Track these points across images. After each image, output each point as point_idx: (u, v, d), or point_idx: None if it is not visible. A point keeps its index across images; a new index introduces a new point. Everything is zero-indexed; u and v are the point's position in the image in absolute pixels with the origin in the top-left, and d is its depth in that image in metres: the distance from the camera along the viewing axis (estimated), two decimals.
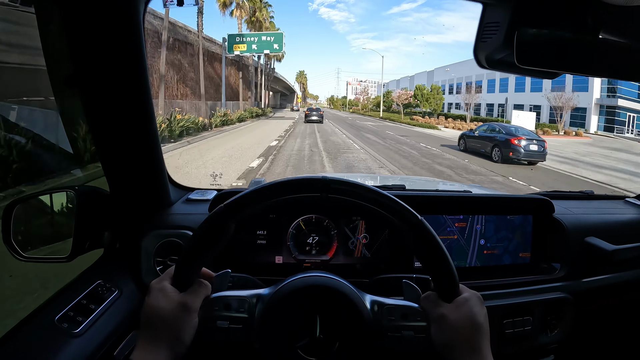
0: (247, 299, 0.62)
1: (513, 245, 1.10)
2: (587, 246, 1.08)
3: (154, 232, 0.94)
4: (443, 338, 0.57)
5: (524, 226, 1.11)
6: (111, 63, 0.80)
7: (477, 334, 0.56)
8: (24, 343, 0.67)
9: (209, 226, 0.57)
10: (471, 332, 0.55)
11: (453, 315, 0.56)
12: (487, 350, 0.55)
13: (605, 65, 0.64)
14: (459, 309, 0.57)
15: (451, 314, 0.56)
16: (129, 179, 0.94)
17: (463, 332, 0.55)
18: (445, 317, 0.56)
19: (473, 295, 0.59)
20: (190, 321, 0.57)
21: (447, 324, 0.56)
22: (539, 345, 0.99)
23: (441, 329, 0.57)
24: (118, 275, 0.90)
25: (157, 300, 0.56)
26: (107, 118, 0.85)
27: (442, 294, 0.59)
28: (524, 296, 0.99)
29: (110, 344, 0.76)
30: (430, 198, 1.08)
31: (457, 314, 0.56)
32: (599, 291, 1.11)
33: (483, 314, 0.57)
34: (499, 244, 1.09)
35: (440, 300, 0.59)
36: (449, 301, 0.58)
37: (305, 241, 1.03)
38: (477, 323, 0.56)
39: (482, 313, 0.57)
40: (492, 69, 0.67)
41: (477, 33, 0.63)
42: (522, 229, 1.11)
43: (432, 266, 0.58)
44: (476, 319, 0.56)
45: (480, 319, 0.56)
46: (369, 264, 1.04)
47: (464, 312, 0.56)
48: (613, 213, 1.25)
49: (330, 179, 0.58)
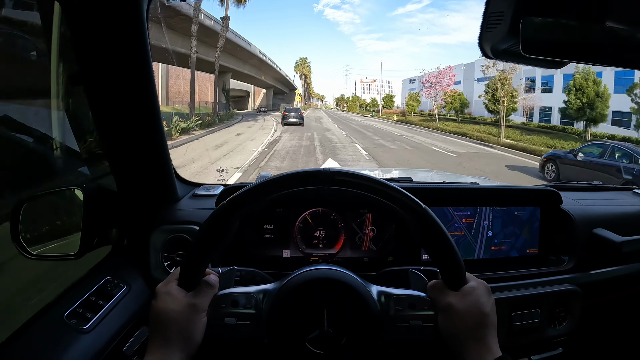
0: (254, 295, 0.62)
1: (520, 241, 1.10)
2: (596, 238, 1.07)
3: (161, 228, 0.95)
4: (450, 327, 0.57)
5: (532, 222, 1.10)
6: (116, 60, 0.80)
7: (483, 323, 0.56)
8: (33, 339, 0.68)
9: (213, 224, 0.58)
10: (477, 322, 0.55)
11: (460, 304, 0.56)
12: (493, 341, 0.55)
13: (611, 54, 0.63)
14: (465, 298, 0.57)
15: (458, 302, 0.56)
16: (136, 176, 0.94)
17: (469, 321, 0.55)
18: (452, 306, 0.57)
19: (480, 284, 0.59)
20: (199, 320, 0.57)
21: (454, 313, 0.56)
22: (547, 337, 0.99)
23: (448, 318, 0.57)
24: (126, 271, 0.91)
25: (165, 303, 0.56)
26: (113, 115, 0.86)
27: (449, 282, 0.59)
28: (532, 288, 0.99)
29: (119, 339, 0.77)
30: (437, 190, 1.07)
31: (464, 303, 0.56)
32: (608, 283, 1.10)
33: (490, 303, 0.58)
34: (507, 240, 1.09)
35: (447, 289, 0.58)
36: (456, 289, 0.58)
37: (312, 235, 1.03)
38: (484, 312, 0.56)
39: (489, 302, 0.57)
40: (498, 59, 0.66)
41: (482, 23, 0.63)
42: (530, 224, 1.10)
43: (438, 255, 0.58)
44: (483, 309, 0.56)
45: (486, 309, 0.56)
46: (376, 257, 1.04)
47: (470, 301, 0.56)
48: (621, 204, 1.24)
49: (333, 170, 0.58)
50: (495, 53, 0.66)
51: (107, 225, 0.90)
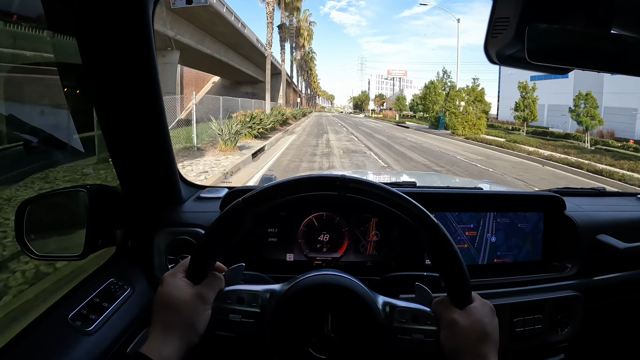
0: (260, 294, 0.62)
1: (523, 253, 1.10)
2: (599, 244, 1.07)
3: (165, 230, 0.95)
4: (452, 343, 0.57)
5: (535, 233, 1.10)
6: (121, 61, 0.80)
7: (485, 343, 0.56)
8: (37, 341, 0.68)
9: (227, 219, 0.58)
10: (479, 341, 0.56)
11: (464, 322, 0.57)
12: (494, 359, 0.56)
13: (617, 61, 0.63)
14: (470, 317, 0.57)
15: (462, 320, 0.57)
16: (141, 178, 0.94)
17: (471, 339, 0.56)
18: (456, 323, 0.57)
19: (485, 305, 0.60)
20: (203, 313, 0.57)
21: (457, 329, 0.57)
22: (550, 343, 0.99)
23: (451, 334, 0.57)
24: (130, 273, 0.91)
25: (172, 289, 0.56)
26: (118, 117, 0.86)
27: (455, 299, 0.59)
28: (535, 294, 0.98)
29: (123, 341, 0.77)
30: (441, 195, 1.07)
31: (467, 321, 0.57)
32: (611, 289, 1.10)
33: (493, 324, 0.58)
34: (509, 252, 1.09)
35: (453, 306, 0.59)
36: (461, 308, 0.58)
37: (316, 239, 1.03)
38: (486, 333, 0.57)
39: (493, 324, 0.58)
40: (503, 65, 0.66)
41: (487, 29, 0.63)
42: (533, 236, 1.10)
43: (446, 271, 0.59)
44: (486, 329, 0.57)
45: (489, 329, 0.57)
46: (379, 261, 1.04)
47: (474, 320, 0.57)
48: (625, 210, 1.24)
49: (349, 178, 0.59)
50: (500, 59, 0.66)
51: (111, 227, 0.90)
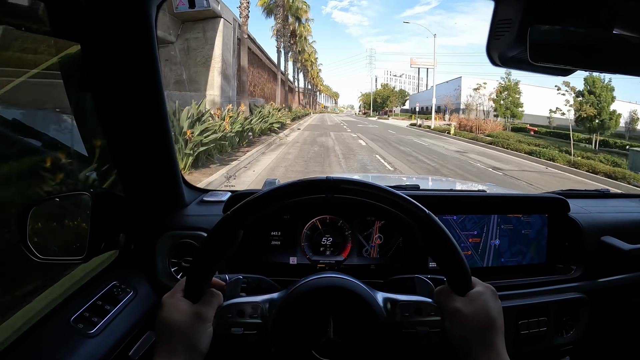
0: (260, 305, 0.61)
1: (527, 259, 1.10)
2: (604, 246, 1.06)
3: (168, 234, 0.95)
4: (457, 332, 0.56)
5: (539, 239, 1.10)
6: (124, 66, 0.81)
7: (491, 328, 0.55)
8: (39, 343, 0.68)
9: (216, 236, 0.58)
10: (485, 327, 0.55)
11: (467, 309, 0.56)
12: (501, 346, 0.55)
13: (619, 61, 0.63)
14: (472, 303, 0.56)
15: (465, 307, 0.56)
16: (144, 181, 0.95)
17: (477, 326, 0.55)
18: (459, 311, 0.56)
19: (487, 289, 0.59)
20: (205, 331, 0.57)
21: (461, 318, 0.56)
22: (555, 346, 0.98)
23: (455, 323, 0.57)
24: (133, 276, 0.91)
25: (171, 313, 0.56)
26: (121, 121, 0.86)
27: (455, 287, 0.58)
28: (540, 296, 0.98)
29: (125, 344, 0.77)
30: (444, 198, 1.07)
31: (471, 308, 0.56)
32: (615, 291, 1.09)
33: (497, 307, 0.57)
34: (513, 259, 1.09)
35: (454, 294, 0.58)
36: (463, 294, 0.58)
37: (319, 242, 1.03)
38: (491, 317, 0.55)
39: (496, 307, 0.57)
40: (506, 67, 0.66)
41: (490, 31, 0.63)
42: (537, 242, 1.10)
43: (443, 260, 0.58)
44: (490, 313, 0.56)
45: (494, 313, 0.56)
46: (383, 264, 1.04)
47: (477, 305, 0.56)
48: (629, 212, 1.23)
49: (335, 179, 0.58)
50: (502, 60, 0.66)
51: (114, 230, 0.91)
